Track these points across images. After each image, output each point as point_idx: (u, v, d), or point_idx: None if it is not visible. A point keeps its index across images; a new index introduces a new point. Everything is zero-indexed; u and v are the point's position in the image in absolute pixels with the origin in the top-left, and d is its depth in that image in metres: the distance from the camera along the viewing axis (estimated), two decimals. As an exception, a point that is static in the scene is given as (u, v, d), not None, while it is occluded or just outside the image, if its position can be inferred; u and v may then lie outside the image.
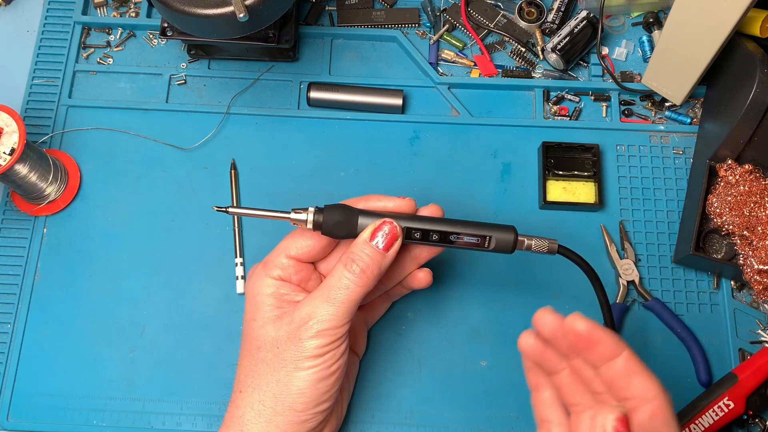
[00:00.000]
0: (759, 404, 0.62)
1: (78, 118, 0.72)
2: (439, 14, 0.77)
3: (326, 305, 0.52)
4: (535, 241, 0.56)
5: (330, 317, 0.52)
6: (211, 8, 0.59)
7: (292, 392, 0.52)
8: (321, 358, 0.52)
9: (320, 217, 0.53)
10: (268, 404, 0.52)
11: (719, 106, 0.69)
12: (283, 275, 0.56)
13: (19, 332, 0.65)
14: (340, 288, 0.52)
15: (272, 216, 0.54)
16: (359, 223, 0.54)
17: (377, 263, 0.53)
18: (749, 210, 0.64)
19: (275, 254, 0.56)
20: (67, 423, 0.63)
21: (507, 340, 0.66)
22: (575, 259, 0.56)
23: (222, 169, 0.71)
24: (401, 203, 0.56)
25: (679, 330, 0.65)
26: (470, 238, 0.55)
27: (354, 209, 0.54)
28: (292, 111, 0.73)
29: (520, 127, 0.73)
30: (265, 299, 0.55)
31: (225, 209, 0.54)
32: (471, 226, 0.55)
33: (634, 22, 0.77)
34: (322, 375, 0.52)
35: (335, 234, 0.54)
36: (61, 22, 0.76)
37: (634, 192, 0.71)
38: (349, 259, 0.53)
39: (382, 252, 0.53)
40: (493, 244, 0.55)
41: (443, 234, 0.55)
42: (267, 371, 0.53)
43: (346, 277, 0.52)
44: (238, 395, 0.55)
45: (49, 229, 0.69)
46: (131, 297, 0.67)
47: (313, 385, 0.52)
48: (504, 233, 0.55)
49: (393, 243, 0.53)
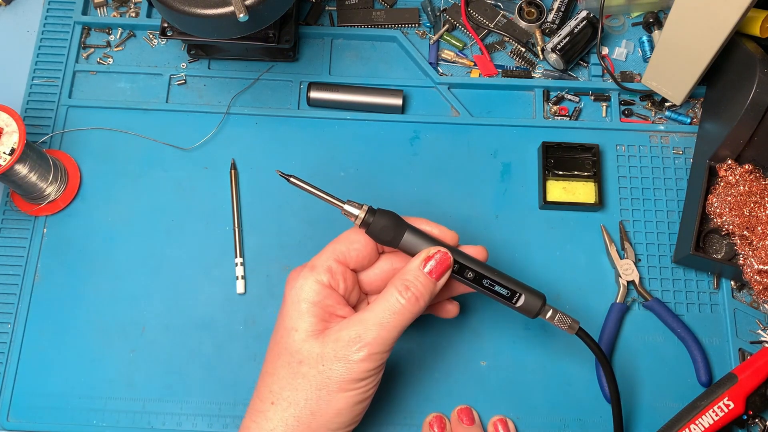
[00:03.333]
0: (759, 404, 0.62)
1: (78, 118, 0.72)
2: (439, 14, 0.77)
3: (377, 328, 0.51)
4: (560, 315, 0.56)
5: (380, 341, 0.51)
6: (211, 8, 0.59)
7: (330, 412, 0.52)
8: (363, 382, 0.52)
9: (371, 217, 0.53)
10: (304, 421, 0.52)
11: (719, 106, 0.69)
12: (332, 281, 0.54)
13: (19, 332, 0.65)
14: (392, 313, 0.52)
15: (329, 200, 0.54)
16: (405, 238, 0.54)
17: (429, 291, 0.53)
18: (749, 210, 0.64)
19: (323, 257, 0.55)
20: (67, 423, 0.63)
21: (507, 340, 0.66)
22: (591, 345, 0.57)
23: (222, 169, 0.71)
24: (446, 233, 0.56)
25: (679, 330, 0.65)
26: (502, 289, 0.55)
27: (403, 222, 0.54)
28: (292, 111, 0.73)
29: (520, 127, 0.73)
30: (310, 308, 0.53)
31: (288, 177, 0.54)
32: (507, 278, 0.55)
33: (634, 22, 0.77)
34: (360, 398, 0.52)
35: (379, 237, 0.54)
36: (61, 22, 0.76)
37: (634, 192, 0.71)
38: (403, 285, 0.52)
39: (433, 280, 0.53)
40: (520, 303, 0.55)
41: (478, 275, 0.55)
42: (307, 387, 0.52)
43: (400, 302, 0.52)
44: (269, 407, 0.53)
45: (49, 229, 0.69)
46: (131, 297, 0.67)
47: (351, 407, 0.52)
48: (533, 297, 0.55)
49: (444, 272, 0.53)
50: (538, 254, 0.68)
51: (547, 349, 0.65)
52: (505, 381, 0.65)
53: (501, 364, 0.65)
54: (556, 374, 0.65)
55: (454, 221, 0.69)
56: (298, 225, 0.69)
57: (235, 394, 0.64)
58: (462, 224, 0.69)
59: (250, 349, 0.65)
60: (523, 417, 0.64)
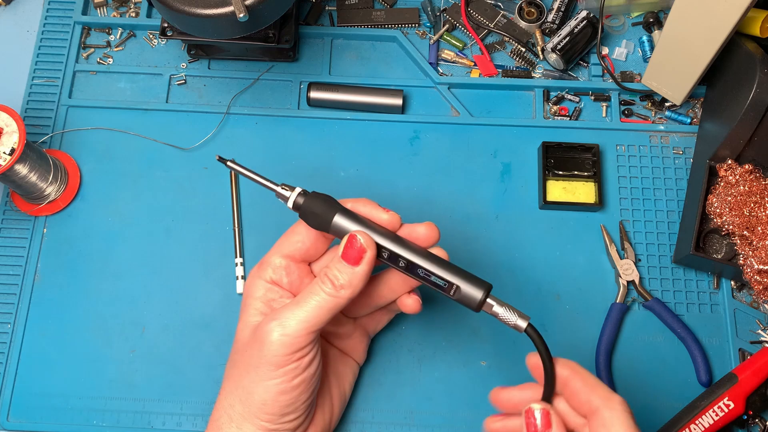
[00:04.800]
0: (759, 404, 0.62)
1: (78, 118, 0.72)
2: (439, 14, 0.77)
3: (294, 312, 0.51)
4: (504, 310, 0.50)
5: (296, 324, 0.50)
6: (211, 8, 0.59)
7: (256, 402, 0.51)
8: (282, 369, 0.51)
9: (302, 200, 0.52)
10: (237, 409, 0.52)
11: (719, 106, 0.69)
12: (275, 277, 0.55)
13: (19, 332, 0.65)
14: (311, 297, 0.51)
15: (263, 183, 0.53)
16: (333, 221, 0.52)
17: (349, 278, 0.51)
18: (749, 210, 0.64)
19: (270, 254, 0.56)
20: (67, 423, 0.63)
21: (507, 340, 0.66)
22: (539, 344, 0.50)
23: (222, 169, 0.71)
24: (383, 216, 0.53)
25: (679, 330, 0.65)
26: (437, 279, 0.51)
27: (336, 205, 0.53)
28: (292, 111, 0.73)
29: (520, 127, 0.73)
30: (253, 302, 0.55)
31: (225, 161, 0.53)
32: (443, 267, 0.51)
33: (634, 22, 0.77)
34: (283, 388, 0.51)
35: (310, 223, 0.53)
36: (61, 22, 0.76)
37: (634, 192, 0.71)
38: (323, 273, 0.52)
39: (352, 267, 0.51)
40: (459, 295, 0.50)
41: (410, 264, 0.51)
42: (237, 376, 0.53)
43: (320, 288, 0.51)
44: (219, 397, 0.55)
45: (49, 229, 0.69)
46: (131, 297, 0.67)
47: (275, 398, 0.51)
48: (474, 289, 0.50)
49: (361, 258, 0.51)
50: (538, 254, 0.68)
51: (547, 349, 0.65)
52: (505, 381, 0.64)
53: (501, 364, 0.65)
54: (556, 374, 0.65)
55: (454, 221, 0.69)
56: (298, 225, 0.69)
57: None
58: (462, 224, 0.69)
59: (250, 349, 0.65)
60: (523, 417, 0.64)
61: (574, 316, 0.67)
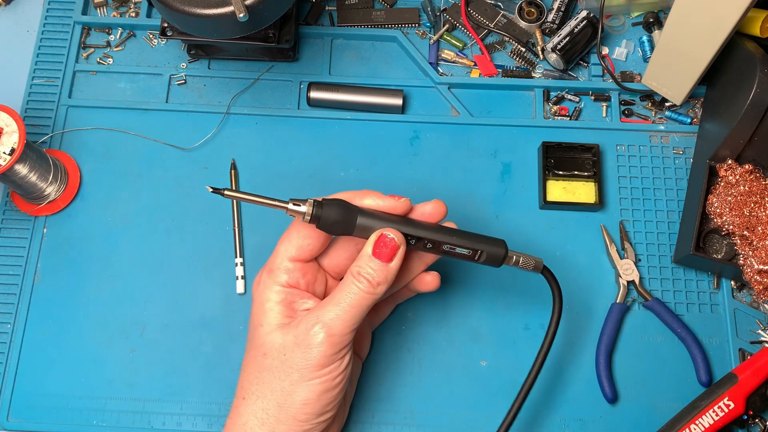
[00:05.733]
0: (759, 404, 0.62)
1: (78, 118, 0.72)
2: (439, 14, 0.77)
3: (335, 311, 0.52)
4: (523, 257, 0.57)
5: (338, 323, 0.52)
6: (211, 8, 0.59)
7: (296, 403, 0.52)
8: (326, 369, 0.52)
9: (319, 211, 0.52)
10: (272, 413, 0.52)
11: (719, 106, 0.69)
12: (291, 281, 0.55)
13: (19, 332, 0.65)
14: (348, 296, 0.52)
15: (269, 203, 0.52)
16: (357, 223, 0.53)
17: (383, 275, 0.53)
18: (749, 210, 0.64)
19: (278, 259, 0.55)
20: (67, 423, 0.63)
21: (507, 340, 0.66)
22: (553, 283, 0.58)
23: (222, 169, 0.71)
24: (395, 204, 0.55)
25: (679, 330, 0.65)
26: (462, 249, 0.55)
27: (353, 207, 0.53)
28: (292, 111, 0.73)
29: (520, 127, 0.73)
30: (271, 307, 0.54)
31: (221, 191, 0.51)
32: (464, 237, 0.55)
33: (634, 22, 0.77)
34: (326, 387, 0.52)
35: (333, 231, 0.53)
36: (61, 22, 0.76)
37: (634, 192, 0.71)
38: (356, 272, 0.53)
39: (386, 264, 0.53)
40: (484, 258, 0.55)
41: (436, 243, 0.54)
42: (272, 379, 0.53)
43: (357, 287, 0.52)
44: (240, 402, 0.54)
45: (49, 229, 0.69)
46: (131, 297, 0.67)
47: (318, 397, 0.52)
48: (495, 247, 0.55)
49: (394, 255, 0.53)
50: (538, 254, 0.68)
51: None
52: (505, 381, 0.65)
53: (501, 364, 0.65)
54: (556, 374, 0.65)
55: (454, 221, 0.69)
56: (298, 225, 0.69)
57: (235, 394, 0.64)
58: (462, 224, 0.69)
59: (250, 349, 0.65)
60: (523, 417, 0.64)
61: (574, 316, 0.67)
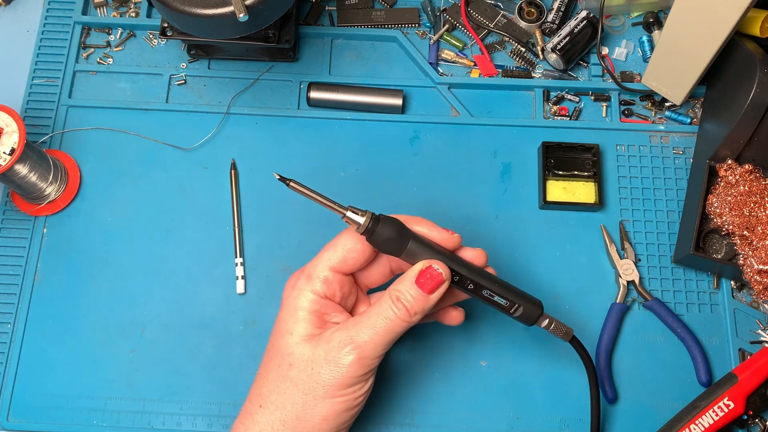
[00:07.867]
0: (759, 404, 0.62)
1: (78, 118, 0.72)
2: (439, 14, 0.77)
3: (369, 333, 0.51)
4: (555, 323, 0.56)
5: (371, 345, 0.51)
6: (211, 8, 0.59)
7: (315, 417, 0.52)
8: (351, 389, 0.52)
9: (375, 225, 0.51)
10: (290, 425, 0.52)
11: (719, 106, 0.69)
12: (328, 292, 0.54)
13: (19, 332, 0.65)
14: (385, 321, 0.52)
15: (328, 205, 0.52)
16: (408, 248, 0.52)
17: (421, 305, 0.52)
18: (749, 210, 0.64)
19: (318, 266, 0.54)
20: (67, 423, 0.63)
21: (507, 340, 0.66)
22: (582, 354, 0.58)
23: (222, 169, 0.71)
24: (448, 237, 0.54)
25: (679, 330, 0.65)
26: (501, 299, 0.54)
27: (407, 230, 0.53)
28: (292, 111, 0.73)
29: (520, 127, 0.73)
30: (306, 315, 0.53)
31: (287, 181, 0.51)
32: (506, 288, 0.55)
33: (634, 22, 0.77)
34: (347, 405, 0.52)
35: (382, 248, 0.53)
36: (61, 22, 0.76)
37: (634, 192, 0.71)
38: (395, 296, 0.52)
39: (426, 295, 0.52)
40: (519, 312, 0.55)
41: (478, 286, 0.54)
42: (294, 391, 0.52)
43: (393, 311, 0.52)
44: (257, 409, 0.53)
45: (49, 229, 0.69)
46: (131, 297, 0.67)
47: (337, 414, 0.52)
48: (531, 307, 0.55)
49: (436, 288, 0.53)
50: (538, 254, 0.68)
51: (547, 349, 0.65)
52: (505, 381, 0.65)
53: (501, 364, 0.65)
54: (556, 374, 0.65)
55: (454, 221, 0.69)
56: (298, 225, 0.69)
57: (235, 394, 0.64)
58: (462, 224, 0.69)
59: (250, 349, 0.65)
60: (523, 417, 0.64)
61: (574, 316, 0.67)
